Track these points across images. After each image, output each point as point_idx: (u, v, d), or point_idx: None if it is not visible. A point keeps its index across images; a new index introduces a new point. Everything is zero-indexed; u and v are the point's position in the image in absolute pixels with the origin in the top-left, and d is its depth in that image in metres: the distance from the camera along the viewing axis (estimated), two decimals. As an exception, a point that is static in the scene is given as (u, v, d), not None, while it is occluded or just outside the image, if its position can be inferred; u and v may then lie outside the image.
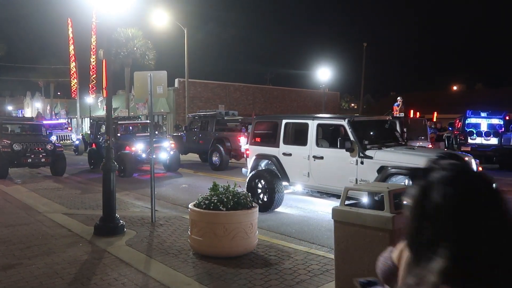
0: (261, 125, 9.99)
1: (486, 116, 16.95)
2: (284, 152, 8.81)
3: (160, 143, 15.19)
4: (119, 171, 14.27)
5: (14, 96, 67.59)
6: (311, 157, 8.24)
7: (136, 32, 32.05)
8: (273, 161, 8.98)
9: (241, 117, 19.60)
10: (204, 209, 5.72)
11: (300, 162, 8.45)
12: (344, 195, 4.42)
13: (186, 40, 27.00)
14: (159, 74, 7.73)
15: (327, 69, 28.19)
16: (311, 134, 8.34)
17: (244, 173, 9.89)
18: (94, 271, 5.29)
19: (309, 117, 8.70)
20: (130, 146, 15.00)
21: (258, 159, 9.40)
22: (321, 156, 8.13)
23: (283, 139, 8.89)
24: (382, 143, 7.94)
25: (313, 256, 5.82)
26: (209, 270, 5.31)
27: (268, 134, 9.58)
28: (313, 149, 8.29)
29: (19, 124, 17.69)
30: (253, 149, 9.63)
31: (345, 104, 74.92)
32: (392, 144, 8.05)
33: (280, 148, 8.91)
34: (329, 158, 8.05)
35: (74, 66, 46.32)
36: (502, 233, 1.00)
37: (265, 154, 9.26)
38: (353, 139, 7.57)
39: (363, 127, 8.33)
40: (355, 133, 7.65)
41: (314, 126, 8.34)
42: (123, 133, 16.42)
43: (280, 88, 45.51)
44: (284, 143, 8.87)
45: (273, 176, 8.67)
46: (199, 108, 32.24)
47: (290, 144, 8.79)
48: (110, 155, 7.04)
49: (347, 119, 7.93)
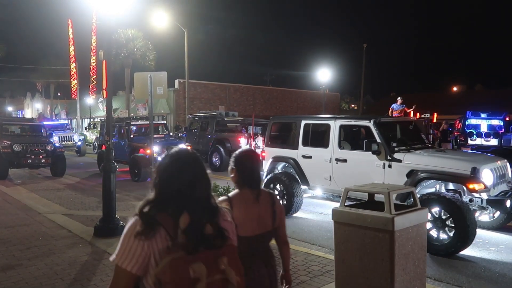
0: (278, 126, 9.56)
1: (486, 117, 16.95)
2: (303, 155, 8.40)
3: (175, 145, 14.82)
4: (132, 174, 13.78)
5: (14, 97, 67.67)
6: (333, 160, 7.83)
7: (136, 33, 32.06)
8: (291, 164, 8.57)
9: (241, 118, 19.54)
10: (204, 210, 5.70)
11: (321, 165, 8.04)
12: (344, 196, 4.42)
13: (186, 41, 27.02)
14: (159, 75, 7.75)
15: (327, 70, 28.16)
16: (333, 135, 7.92)
17: None
18: (94, 272, 5.28)
19: (331, 118, 8.28)
20: (144, 149, 14.13)
21: (274, 162, 9.02)
22: (344, 159, 7.72)
23: (302, 141, 8.49)
24: (409, 145, 7.54)
25: (313, 257, 5.82)
26: (209, 271, 5.29)
27: (286, 136, 9.17)
28: (336, 151, 7.86)
29: (19, 125, 17.67)
30: (270, 151, 9.21)
31: (345, 105, 74.93)
32: (419, 147, 7.63)
33: (299, 150, 8.50)
34: (353, 161, 7.63)
35: (74, 67, 46.35)
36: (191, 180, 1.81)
37: (282, 156, 8.84)
38: (380, 141, 7.18)
39: (389, 128, 7.98)
40: (381, 135, 7.28)
41: (337, 127, 7.92)
42: (136, 135, 15.63)
43: (280, 89, 45.50)
44: (303, 145, 8.47)
45: (292, 180, 8.33)
46: (199, 109, 32.23)
47: (310, 146, 8.37)
48: (110, 156, 7.04)
49: (373, 120, 7.49)
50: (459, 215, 5.91)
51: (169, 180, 1.81)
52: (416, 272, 4.08)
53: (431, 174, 6.67)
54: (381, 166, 7.17)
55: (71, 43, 46.12)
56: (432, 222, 6.18)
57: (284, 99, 44.23)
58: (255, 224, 2.59)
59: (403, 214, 3.97)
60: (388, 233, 3.83)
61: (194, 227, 1.72)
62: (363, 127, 7.90)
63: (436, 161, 6.77)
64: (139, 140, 14.97)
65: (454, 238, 5.96)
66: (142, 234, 1.70)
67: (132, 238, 1.72)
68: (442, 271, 5.58)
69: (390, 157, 7.09)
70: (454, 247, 5.97)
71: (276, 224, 2.69)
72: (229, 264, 1.71)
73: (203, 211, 1.79)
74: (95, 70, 43.25)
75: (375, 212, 3.98)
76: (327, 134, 8.05)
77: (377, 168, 7.21)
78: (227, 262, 1.71)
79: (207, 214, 1.80)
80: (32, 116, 51.66)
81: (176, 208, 1.75)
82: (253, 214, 2.60)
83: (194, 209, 1.75)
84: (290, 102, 44.65)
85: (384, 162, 7.14)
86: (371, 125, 7.42)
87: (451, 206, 6.00)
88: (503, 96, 40.10)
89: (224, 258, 1.71)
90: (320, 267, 5.42)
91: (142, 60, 32.41)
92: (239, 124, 17.70)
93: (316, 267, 5.44)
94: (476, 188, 6.24)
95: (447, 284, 5.16)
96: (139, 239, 1.71)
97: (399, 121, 9.07)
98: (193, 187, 1.80)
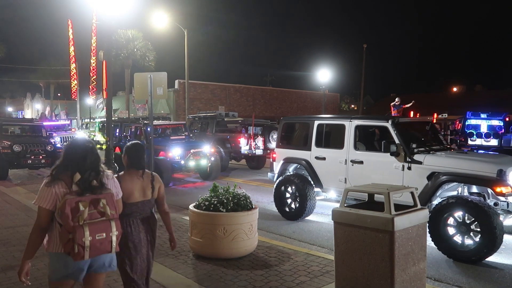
0: (289, 127, 9.26)
1: (486, 118, 16.94)
2: (317, 156, 8.14)
3: (200, 148, 13.49)
4: None
5: (14, 98, 67.68)
6: (349, 162, 7.57)
7: (136, 34, 32.10)
8: (304, 165, 8.33)
9: (241, 119, 19.47)
10: (204, 211, 5.72)
11: (336, 166, 7.79)
12: (344, 196, 4.42)
13: (186, 41, 27.02)
14: (159, 76, 7.75)
15: (327, 70, 28.16)
16: (349, 136, 7.66)
17: (270, 178, 9.33)
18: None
19: (346, 118, 7.97)
20: (165, 151, 13.02)
21: (286, 163, 8.79)
22: (360, 160, 7.45)
23: (316, 142, 8.22)
24: (428, 146, 7.29)
25: (313, 258, 5.82)
26: (209, 271, 5.30)
27: (298, 136, 8.93)
28: (351, 152, 7.60)
29: (19, 125, 17.68)
30: (281, 152, 8.96)
31: (345, 106, 74.97)
32: (438, 148, 7.34)
33: (312, 152, 8.24)
34: (370, 162, 7.36)
35: (74, 67, 46.35)
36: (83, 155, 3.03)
37: (294, 157, 8.60)
38: (399, 142, 6.92)
39: (407, 129, 7.66)
40: (400, 136, 7.01)
41: (352, 128, 7.65)
42: (155, 136, 14.15)
43: (280, 90, 45.53)
44: (316, 146, 8.20)
45: (305, 182, 8.13)
46: (199, 110, 32.24)
47: (324, 147, 8.11)
48: (110, 156, 7.05)
49: (391, 120, 7.23)
50: (486, 220, 5.63)
51: (69, 155, 3.07)
52: (416, 272, 4.08)
53: (454, 177, 6.36)
54: (399, 168, 6.92)
55: (71, 44, 46.12)
56: (456, 227, 5.95)
57: (284, 100, 44.26)
58: (138, 194, 3.69)
59: (403, 215, 3.98)
60: (388, 233, 3.83)
61: (83, 181, 2.97)
62: (380, 127, 7.66)
63: (459, 163, 6.44)
64: (158, 142, 13.69)
65: (480, 244, 5.69)
66: (49, 185, 2.94)
67: (45, 187, 2.95)
68: (442, 272, 5.57)
69: (409, 159, 6.82)
70: (480, 253, 5.71)
71: (154, 195, 3.78)
72: (106, 203, 2.97)
73: (90, 173, 3.02)
74: (95, 70, 43.25)
75: (375, 213, 3.98)
76: (342, 135, 7.78)
77: (395, 170, 6.96)
78: (105, 202, 2.97)
79: (93, 174, 3.03)
80: (32, 116, 51.70)
81: (72, 170, 3.00)
82: (137, 186, 3.69)
83: (84, 171, 3.00)
84: (290, 103, 44.68)
85: (403, 164, 6.87)
86: (389, 125, 7.15)
87: (477, 210, 5.71)
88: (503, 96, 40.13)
89: (103, 200, 2.96)
90: (320, 268, 5.42)
91: (142, 61, 32.45)
92: (239, 125, 17.67)
93: (316, 267, 5.44)
94: (504, 191, 5.93)
95: (447, 284, 5.16)
96: (48, 187, 2.93)
97: (417, 122, 8.70)
98: (84, 159, 3.03)
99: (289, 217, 8.30)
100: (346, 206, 4.30)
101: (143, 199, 3.72)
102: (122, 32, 31.64)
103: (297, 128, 9.19)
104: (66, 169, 3.00)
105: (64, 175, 2.98)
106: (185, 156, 12.89)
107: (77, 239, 2.79)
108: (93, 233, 2.84)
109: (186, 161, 12.83)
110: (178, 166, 12.85)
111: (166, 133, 14.87)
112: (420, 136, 7.85)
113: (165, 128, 15.22)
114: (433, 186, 6.47)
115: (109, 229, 2.92)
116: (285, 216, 8.39)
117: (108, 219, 2.94)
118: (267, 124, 17.61)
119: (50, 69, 48.82)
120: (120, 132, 15.56)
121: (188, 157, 12.89)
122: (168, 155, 12.79)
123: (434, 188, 6.46)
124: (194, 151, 13.10)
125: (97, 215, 2.91)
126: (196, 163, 13.05)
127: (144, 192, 3.72)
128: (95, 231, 2.86)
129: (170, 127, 15.28)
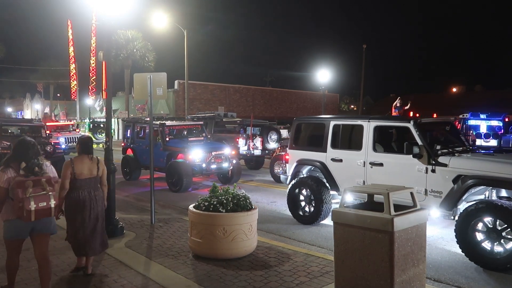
0: (303, 127, 8.89)
1: (485, 118, 16.96)
2: (333, 158, 7.84)
3: (221, 150, 12.80)
4: (170, 184, 11.86)
5: (13, 98, 67.67)
6: (368, 164, 7.29)
7: (136, 34, 32.10)
8: (319, 167, 8.06)
9: (240, 119, 19.39)
10: (203, 211, 5.72)
11: (354, 169, 7.49)
12: (344, 197, 4.42)
13: (186, 41, 27.03)
14: (158, 76, 7.73)
15: (327, 70, 28.16)
16: (367, 137, 7.36)
17: (283, 181, 9.04)
18: (93, 272, 5.27)
19: (364, 118, 7.67)
20: (185, 154, 12.25)
21: (299, 165, 8.51)
22: (380, 162, 7.15)
23: (332, 143, 7.92)
24: (451, 148, 6.97)
25: (313, 258, 5.82)
26: (209, 272, 5.30)
27: (313, 137, 8.59)
28: (370, 154, 7.30)
29: (18, 125, 17.67)
30: (294, 154, 8.65)
31: (345, 106, 75.00)
32: (461, 149, 7.00)
33: (327, 153, 7.94)
34: (390, 165, 7.05)
35: (74, 67, 46.35)
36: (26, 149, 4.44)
37: (309, 159, 8.31)
38: (422, 144, 6.61)
39: (429, 130, 7.35)
40: (422, 137, 6.72)
41: (371, 129, 7.34)
42: (172, 138, 13.44)
43: (279, 90, 45.57)
44: (332, 148, 7.90)
45: (320, 185, 7.88)
46: (199, 110, 32.25)
47: (340, 148, 7.82)
48: (110, 156, 7.04)
49: (412, 120, 6.93)
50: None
51: (17, 149, 4.40)
52: (415, 272, 4.08)
53: (483, 180, 6.02)
54: (423, 171, 6.61)
55: (70, 44, 46.13)
56: (485, 233, 5.66)
57: (284, 100, 44.29)
58: (87, 172, 5.14)
59: (402, 215, 3.98)
60: (387, 233, 3.83)
61: (27, 167, 4.26)
62: (401, 128, 7.34)
63: (487, 166, 6.09)
64: (176, 143, 12.93)
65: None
66: (3, 170, 4.24)
67: (1, 173, 4.23)
68: (441, 272, 5.58)
69: (434, 161, 6.51)
70: None
71: (99, 174, 5.25)
72: (46, 182, 4.25)
73: (33, 161, 4.32)
74: (95, 71, 43.25)
75: (375, 213, 3.98)
76: (360, 136, 7.50)
77: (418, 173, 6.66)
78: (44, 181, 4.24)
79: (35, 162, 4.33)
80: (31, 117, 51.67)
81: (20, 160, 4.29)
82: (85, 167, 5.15)
83: (28, 160, 4.29)
84: (289, 103, 44.72)
85: (427, 166, 6.56)
86: (411, 126, 6.84)
87: (510, 216, 5.41)
88: (502, 97, 40.15)
89: (43, 179, 4.23)
90: (319, 268, 5.42)
91: (142, 61, 32.45)
92: (238, 125, 17.64)
93: (316, 268, 5.44)
94: None
95: (446, 284, 5.17)
96: (3, 172, 4.24)
97: (439, 122, 8.34)
98: (27, 151, 4.35)
99: (304, 221, 8.05)
100: (346, 206, 4.31)
101: (90, 176, 5.17)
102: (121, 32, 31.64)
103: (311, 128, 8.90)
104: (15, 159, 4.33)
105: (14, 163, 4.30)
106: (207, 159, 12.22)
107: (25, 206, 4.08)
108: (37, 202, 4.14)
109: (207, 164, 12.18)
110: (198, 169, 12.13)
111: (183, 134, 13.97)
112: (442, 137, 7.58)
113: (181, 129, 14.15)
114: (459, 190, 6.16)
115: (48, 200, 4.23)
116: (299, 220, 8.13)
117: (47, 193, 4.24)
118: (266, 125, 17.58)
119: (49, 70, 48.79)
120: (132, 132, 14.42)
121: (209, 160, 12.23)
122: (188, 157, 12.05)
123: (461, 192, 6.16)
124: (216, 154, 12.44)
125: (39, 190, 4.21)
126: (218, 166, 12.40)
127: (91, 171, 5.18)
128: (38, 201, 4.15)
129: (186, 128, 14.31)
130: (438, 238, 7.13)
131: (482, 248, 5.67)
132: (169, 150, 12.66)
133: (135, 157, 13.90)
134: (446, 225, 7.69)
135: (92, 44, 42.05)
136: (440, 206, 6.39)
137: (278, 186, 12.72)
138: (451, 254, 6.33)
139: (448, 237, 7.12)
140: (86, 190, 5.12)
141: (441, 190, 6.34)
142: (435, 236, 7.18)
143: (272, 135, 16.64)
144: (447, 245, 6.74)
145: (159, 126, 13.06)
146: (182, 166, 11.67)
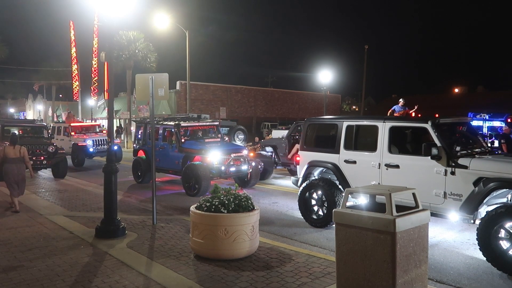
0: (315, 128, 8.67)
1: (487, 119, 16.94)
2: (346, 159, 7.65)
3: (240, 152, 12.25)
4: (187, 187, 11.37)
5: (16, 99, 67.78)
6: (383, 166, 7.08)
7: (137, 35, 32.06)
8: (331, 169, 7.87)
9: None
10: (205, 212, 5.72)
11: (368, 171, 7.28)
12: (345, 197, 4.42)
13: (188, 42, 27.04)
14: (160, 77, 7.73)
15: (329, 71, 28.13)
16: (382, 138, 7.16)
17: (293, 183, 8.90)
18: (95, 273, 5.28)
19: (379, 119, 7.45)
20: (202, 156, 11.67)
21: (311, 167, 8.32)
22: (396, 164, 6.93)
23: (345, 144, 7.73)
24: (470, 149, 6.76)
25: (315, 259, 5.81)
26: (210, 272, 5.30)
27: (325, 139, 8.37)
28: (385, 156, 7.08)
29: (21, 126, 17.72)
30: (305, 155, 8.45)
31: (346, 107, 74.93)
32: (480, 151, 6.77)
33: (340, 155, 7.75)
34: (407, 167, 6.82)
35: (76, 68, 46.39)
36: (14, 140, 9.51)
37: (321, 161, 8.12)
38: (441, 145, 6.40)
39: (448, 130, 7.14)
40: (441, 137, 6.51)
41: (386, 129, 7.14)
42: (188, 139, 12.71)
43: (281, 91, 45.54)
44: (345, 149, 7.71)
45: (333, 187, 7.70)
46: (201, 111, 32.25)
47: (354, 149, 7.61)
48: (112, 157, 7.05)
49: (430, 121, 6.70)
50: None
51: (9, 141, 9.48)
52: (417, 273, 4.07)
53: (506, 183, 5.77)
54: (441, 173, 6.41)
55: (72, 45, 46.17)
56: (508, 240, 5.46)
57: (286, 101, 44.26)
58: (13, 154, 8.99)
59: (404, 216, 3.97)
60: (389, 234, 3.82)
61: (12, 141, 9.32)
62: (418, 128, 7.09)
63: (510, 168, 5.85)
64: (192, 145, 12.28)
65: None
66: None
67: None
68: (443, 273, 5.56)
69: (453, 163, 6.30)
70: None
71: (21, 155, 9.07)
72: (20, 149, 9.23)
73: None
74: (97, 71, 43.29)
75: (377, 214, 3.98)
76: (375, 137, 7.29)
77: (436, 175, 6.47)
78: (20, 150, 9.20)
79: None
80: (33, 117, 51.76)
81: None
82: (12, 151, 9.02)
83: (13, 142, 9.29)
84: (291, 104, 44.69)
85: (446, 168, 6.36)
86: (429, 126, 6.64)
87: None
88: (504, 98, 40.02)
89: (23, 149, 9.24)
90: (321, 269, 5.41)
91: (144, 62, 32.40)
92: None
93: (318, 268, 5.44)
94: None
95: (449, 285, 5.15)
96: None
97: (457, 122, 8.03)
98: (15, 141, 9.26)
99: (316, 225, 7.86)
100: (348, 207, 4.30)
101: (15, 157, 8.99)
102: (123, 33, 31.62)
103: (323, 129, 8.69)
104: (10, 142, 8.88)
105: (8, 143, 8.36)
106: (225, 161, 11.69)
107: None
108: None
109: (226, 166, 11.64)
110: (217, 172, 11.56)
111: (198, 135, 13.23)
112: (461, 138, 7.37)
113: (197, 130, 13.40)
114: (480, 192, 5.95)
115: None
116: (312, 223, 7.94)
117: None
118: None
119: (52, 70, 48.85)
120: (144, 133, 13.87)
121: (228, 163, 11.73)
122: (206, 160, 11.48)
123: (482, 195, 5.95)
124: (235, 156, 11.93)
125: (19, 155, 9.00)
126: (237, 169, 11.86)
127: (16, 154, 8.99)
128: None
129: (201, 129, 13.58)
130: (440, 239, 7.12)
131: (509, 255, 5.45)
132: (185, 152, 12.11)
133: (147, 159, 13.23)
134: (448, 226, 7.68)
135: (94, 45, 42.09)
136: (460, 210, 6.21)
137: (278, 187, 12.72)
138: (453, 255, 6.32)
139: (451, 238, 7.11)
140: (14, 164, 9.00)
141: (461, 193, 6.16)
142: (437, 237, 7.16)
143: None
144: (449, 246, 6.72)
145: (174, 127, 12.56)
146: (200, 168, 11.11)
